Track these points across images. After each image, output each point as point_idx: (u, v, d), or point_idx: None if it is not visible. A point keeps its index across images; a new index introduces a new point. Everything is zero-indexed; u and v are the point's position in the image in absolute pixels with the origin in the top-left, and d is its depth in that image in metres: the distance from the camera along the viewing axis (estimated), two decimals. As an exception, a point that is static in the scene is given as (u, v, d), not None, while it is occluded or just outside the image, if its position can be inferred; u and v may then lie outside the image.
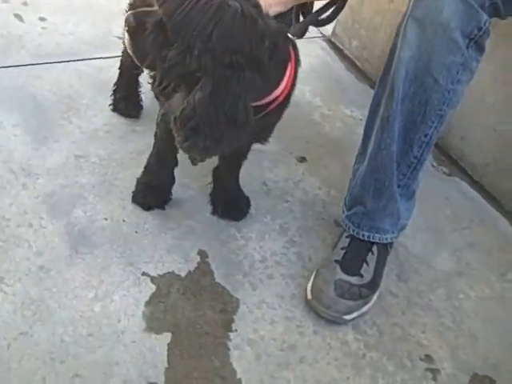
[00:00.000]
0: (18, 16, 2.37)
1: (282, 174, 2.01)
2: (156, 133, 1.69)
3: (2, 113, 1.94)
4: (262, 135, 1.60)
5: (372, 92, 2.37)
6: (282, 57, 1.37)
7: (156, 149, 1.72)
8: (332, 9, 1.58)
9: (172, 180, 1.79)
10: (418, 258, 1.86)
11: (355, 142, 2.15)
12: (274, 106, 1.42)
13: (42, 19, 2.38)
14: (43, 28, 2.34)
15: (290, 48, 1.41)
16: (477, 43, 1.45)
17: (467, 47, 1.44)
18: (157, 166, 1.75)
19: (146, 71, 1.53)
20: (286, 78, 1.40)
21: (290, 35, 1.42)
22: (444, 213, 2.04)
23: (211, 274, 1.66)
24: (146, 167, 1.77)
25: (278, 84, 1.39)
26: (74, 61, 2.21)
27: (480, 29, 1.42)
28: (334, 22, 1.64)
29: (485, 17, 1.42)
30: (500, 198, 2.11)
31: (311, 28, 1.61)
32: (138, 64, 1.36)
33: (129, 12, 1.31)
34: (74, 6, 2.51)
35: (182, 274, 1.63)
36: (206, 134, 1.28)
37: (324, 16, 1.58)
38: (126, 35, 1.31)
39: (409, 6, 1.48)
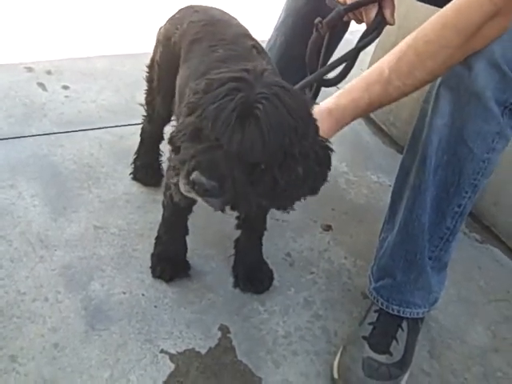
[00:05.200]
0: (41, 85, 2.38)
1: (307, 244, 1.95)
2: (163, 202, 1.66)
3: (22, 183, 1.92)
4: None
5: (399, 157, 2.34)
6: None
7: (163, 218, 1.69)
8: (341, 69, 1.55)
9: (184, 248, 1.74)
10: (451, 332, 1.77)
11: (382, 209, 2.10)
12: None
13: (65, 87, 2.39)
14: (66, 96, 2.34)
15: None
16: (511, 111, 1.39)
17: (502, 115, 1.38)
18: (166, 235, 1.71)
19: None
20: None
21: None
22: (477, 283, 1.95)
23: (233, 350, 1.58)
24: (156, 238, 1.74)
25: None
26: (95, 129, 2.20)
27: None
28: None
29: None
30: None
31: (335, 89, 1.58)
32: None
33: (195, 174, 1.15)
34: (98, 73, 2.51)
35: (202, 351, 1.56)
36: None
37: (332, 76, 1.55)
38: (197, 197, 1.20)
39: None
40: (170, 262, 1.73)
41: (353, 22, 1.65)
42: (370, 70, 1.35)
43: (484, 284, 1.95)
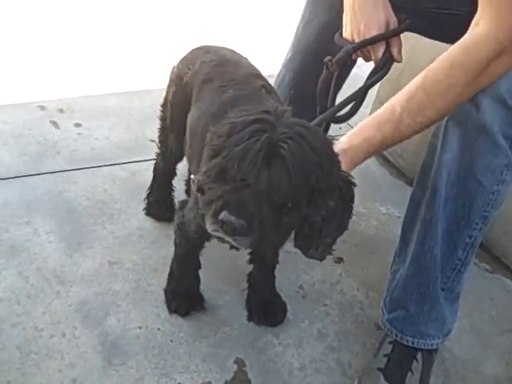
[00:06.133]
0: (54, 123, 2.42)
1: (319, 276, 1.97)
2: (175, 239, 1.69)
3: (37, 219, 1.95)
4: None
5: (408, 188, 2.37)
6: None
7: (176, 255, 1.72)
8: (350, 105, 1.59)
9: (198, 281, 1.76)
10: (465, 362, 1.77)
11: (392, 240, 2.12)
12: None
13: (77, 125, 2.43)
14: (78, 134, 2.38)
15: None
16: None
17: (510, 148, 1.42)
18: (179, 271, 1.74)
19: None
20: None
21: None
22: (489, 314, 1.96)
23: (249, 383, 1.59)
24: (169, 274, 1.76)
25: None
26: (108, 165, 2.23)
27: None
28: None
29: None
30: (546, 296, 2.03)
31: (344, 125, 1.61)
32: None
33: (223, 214, 1.16)
34: (108, 111, 2.56)
35: (219, 385, 1.57)
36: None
37: (342, 113, 1.58)
38: (225, 236, 1.20)
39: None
40: (184, 296, 1.75)
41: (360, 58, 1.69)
42: (382, 109, 1.38)
43: (496, 314, 1.96)
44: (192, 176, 1.44)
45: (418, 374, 1.59)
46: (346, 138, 1.37)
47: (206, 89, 1.62)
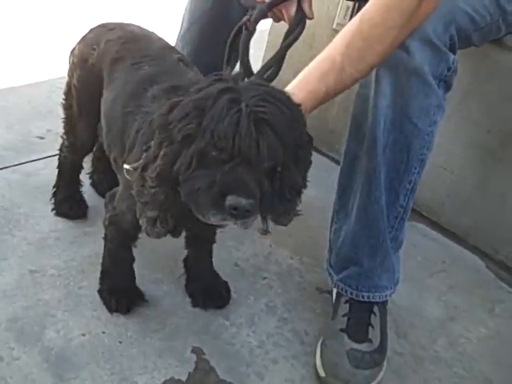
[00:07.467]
0: None
1: (250, 251, 1.92)
2: (106, 235, 1.58)
3: None
4: None
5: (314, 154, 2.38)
6: None
7: (108, 251, 1.61)
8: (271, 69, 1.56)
9: (134, 275, 1.65)
10: (408, 310, 1.81)
11: (308, 204, 2.11)
12: None
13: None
14: (-44, 142, 2.13)
15: None
16: (446, 82, 1.46)
17: (439, 87, 1.44)
18: (114, 267, 1.63)
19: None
20: None
21: None
22: (415, 259, 2.02)
23: (213, 371, 1.51)
24: (102, 273, 1.64)
25: None
26: (-1, 169, 2.02)
27: (449, 68, 1.43)
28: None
29: (452, 56, 1.43)
30: (461, 234, 2.13)
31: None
32: None
33: (231, 198, 1.08)
34: (-17, 112, 2.32)
35: (183, 378, 1.48)
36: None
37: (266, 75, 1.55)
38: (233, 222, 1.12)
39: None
40: (122, 293, 1.63)
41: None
42: (321, 60, 1.35)
43: (422, 259, 2.03)
44: (126, 166, 1.31)
45: (378, 327, 1.59)
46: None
47: (118, 69, 1.50)
